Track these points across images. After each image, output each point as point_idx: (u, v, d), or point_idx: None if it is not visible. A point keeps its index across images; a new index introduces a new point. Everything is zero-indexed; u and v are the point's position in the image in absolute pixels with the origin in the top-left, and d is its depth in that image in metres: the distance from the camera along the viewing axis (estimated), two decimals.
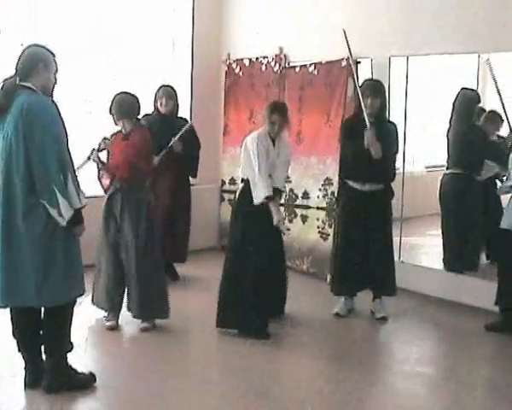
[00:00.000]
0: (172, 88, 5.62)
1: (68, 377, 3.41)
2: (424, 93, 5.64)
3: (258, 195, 4.32)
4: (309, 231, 6.03)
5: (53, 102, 3.28)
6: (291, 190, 6.18)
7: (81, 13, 5.94)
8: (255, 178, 4.35)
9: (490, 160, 5.17)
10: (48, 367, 3.40)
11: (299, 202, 6.14)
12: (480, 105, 5.29)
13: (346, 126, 4.88)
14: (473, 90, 5.18)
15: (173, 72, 6.79)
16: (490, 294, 4.67)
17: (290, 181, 6.12)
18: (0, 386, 3.53)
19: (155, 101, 5.52)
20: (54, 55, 3.36)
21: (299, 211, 6.15)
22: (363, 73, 5.60)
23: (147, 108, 5.35)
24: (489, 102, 5.43)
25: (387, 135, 4.62)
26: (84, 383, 3.46)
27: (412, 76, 5.47)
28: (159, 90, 5.54)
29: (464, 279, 5.17)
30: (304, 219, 6.11)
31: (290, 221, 6.16)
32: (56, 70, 3.36)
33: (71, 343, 3.46)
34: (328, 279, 5.71)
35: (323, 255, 5.86)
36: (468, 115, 5.16)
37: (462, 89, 5.21)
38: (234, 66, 6.82)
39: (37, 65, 3.24)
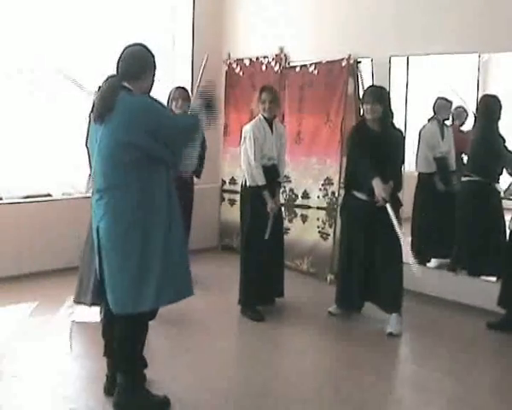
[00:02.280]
0: (186, 90, 5.56)
1: (139, 397, 3.26)
2: (424, 93, 5.63)
3: (254, 180, 4.69)
4: (309, 231, 6.03)
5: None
6: (291, 189, 6.18)
7: (81, 13, 5.94)
8: (250, 166, 4.68)
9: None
10: (118, 382, 3.27)
11: (299, 201, 6.14)
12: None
13: (351, 138, 4.66)
14: (494, 96, 5.08)
15: (173, 71, 6.80)
16: (491, 294, 4.69)
17: (290, 181, 6.13)
18: (0, 386, 3.53)
19: (169, 101, 5.39)
20: (154, 57, 3.23)
21: (299, 211, 6.15)
22: (363, 73, 5.62)
23: None
24: None
25: (395, 144, 4.53)
26: (159, 406, 3.29)
27: (412, 76, 5.47)
28: (174, 91, 5.44)
29: (464, 279, 5.17)
30: (304, 218, 6.11)
31: (290, 221, 6.16)
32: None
33: (141, 362, 3.37)
34: (329, 279, 5.73)
35: (323, 255, 5.87)
36: (494, 122, 4.98)
37: (484, 95, 5.04)
38: (234, 65, 6.82)
39: (145, 71, 3.15)
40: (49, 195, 5.87)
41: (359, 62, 5.66)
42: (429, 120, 5.60)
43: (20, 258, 5.58)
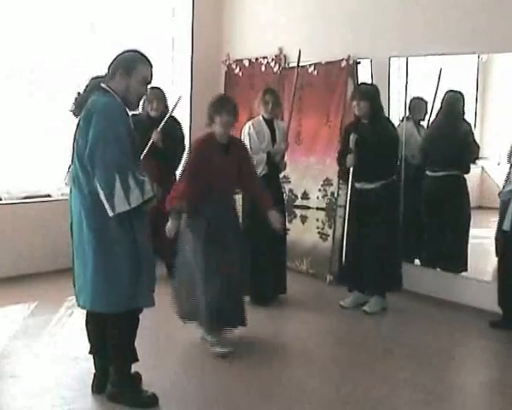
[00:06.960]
0: (161, 90, 5.50)
1: (130, 391, 3.32)
2: (424, 93, 5.63)
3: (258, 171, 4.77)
4: (308, 232, 6.03)
5: (123, 106, 3.12)
6: (290, 190, 6.18)
7: (81, 13, 5.94)
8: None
9: None
10: (111, 376, 3.34)
11: (298, 202, 6.14)
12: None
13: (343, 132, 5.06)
14: (458, 91, 5.22)
15: (173, 72, 6.80)
16: (491, 294, 4.69)
17: (290, 181, 6.13)
18: (0, 386, 3.53)
19: (144, 103, 5.31)
20: (147, 66, 3.17)
21: (298, 211, 6.15)
22: (364, 73, 5.62)
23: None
24: (490, 102, 5.44)
25: (384, 136, 4.71)
26: (147, 402, 3.32)
27: (412, 76, 5.48)
28: (149, 92, 5.32)
29: (464, 279, 5.17)
30: (303, 219, 6.11)
31: (289, 222, 6.15)
32: (146, 81, 3.17)
33: (131, 355, 3.36)
34: (328, 280, 5.73)
35: (323, 256, 5.86)
36: (460, 116, 5.15)
37: (449, 91, 5.22)
38: (233, 66, 6.82)
39: (117, 70, 3.12)
40: (48, 195, 5.87)
41: (359, 63, 5.67)
42: (404, 120, 5.55)
43: (19, 258, 5.57)
